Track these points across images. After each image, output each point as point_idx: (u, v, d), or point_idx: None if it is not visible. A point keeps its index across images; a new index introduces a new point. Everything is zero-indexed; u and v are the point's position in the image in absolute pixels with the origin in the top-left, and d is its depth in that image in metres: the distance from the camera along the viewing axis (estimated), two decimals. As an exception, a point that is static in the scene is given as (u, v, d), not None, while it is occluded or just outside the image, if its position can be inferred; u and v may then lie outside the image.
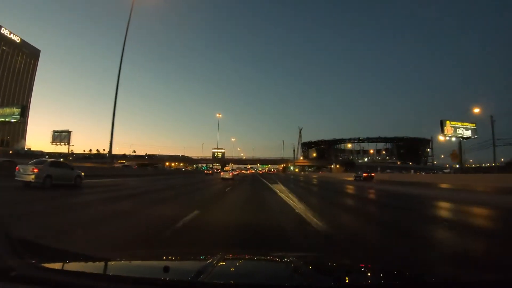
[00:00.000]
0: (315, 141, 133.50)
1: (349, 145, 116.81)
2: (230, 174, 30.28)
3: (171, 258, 1.95)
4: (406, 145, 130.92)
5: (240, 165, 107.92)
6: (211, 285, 1.19)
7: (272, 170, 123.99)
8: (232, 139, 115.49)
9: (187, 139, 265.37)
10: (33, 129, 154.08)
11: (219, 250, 2.25)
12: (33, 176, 10.95)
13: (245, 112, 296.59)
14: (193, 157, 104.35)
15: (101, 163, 69.02)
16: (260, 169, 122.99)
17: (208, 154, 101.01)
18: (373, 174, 43.29)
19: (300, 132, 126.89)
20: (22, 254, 1.44)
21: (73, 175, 13.04)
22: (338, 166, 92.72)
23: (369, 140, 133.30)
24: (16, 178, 11.30)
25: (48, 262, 1.40)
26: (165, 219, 5.64)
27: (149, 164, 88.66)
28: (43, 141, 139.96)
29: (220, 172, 39.72)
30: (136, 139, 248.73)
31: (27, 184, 11.05)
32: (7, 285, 1.08)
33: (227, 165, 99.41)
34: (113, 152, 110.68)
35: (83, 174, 13.84)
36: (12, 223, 4.86)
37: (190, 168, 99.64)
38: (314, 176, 61.31)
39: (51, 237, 4.10)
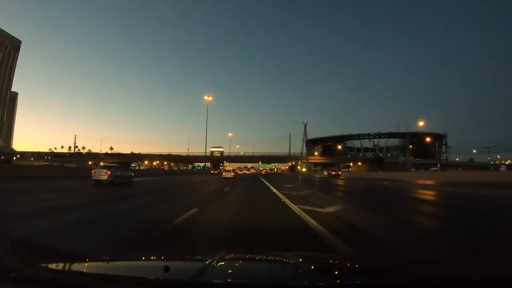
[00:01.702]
0: (320, 138, 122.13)
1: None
2: (232, 173, 33.80)
3: (171, 258, 1.95)
4: (420, 141, 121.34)
5: (239, 164, 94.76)
6: (212, 285, 1.18)
7: (275, 169, 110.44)
8: (229, 134, 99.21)
9: (173, 133, 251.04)
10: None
11: (219, 249, 2.07)
12: (106, 177, 15.31)
13: (243, 107, 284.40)
14: (182, 154, 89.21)
15: (62, 162, 60.85)
16: (261, 168, 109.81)
17: (194, 149, 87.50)
18: (339, 172, 50.83)
19: (305, 127, 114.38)
20: (22, 255, 1.45)
21: (128, 175, 17.86)
22: (360, 163, 78.87)
23: (380, 136, 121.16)
24: (92, 178, 15.57)
25: (48, 262, 1.39)
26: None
27: (127, 164, 77.51)
28: (25, 136, 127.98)
29: (222, 172, 43.65)
30: (116, 134, 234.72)
31: (98, 181, 15.10)
32: (8, 286, 1.08)
33: (221, 164, 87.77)
34: (87, 149, 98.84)
35: (133, 174, 19.35)
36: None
37: (185, 168, 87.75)
38: (341, 178, 44.79)
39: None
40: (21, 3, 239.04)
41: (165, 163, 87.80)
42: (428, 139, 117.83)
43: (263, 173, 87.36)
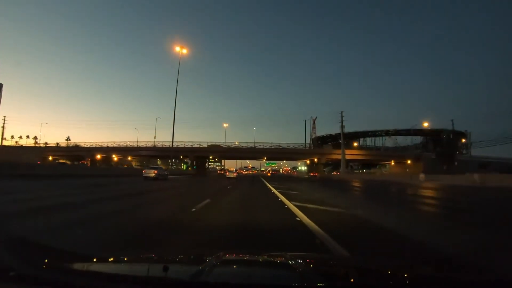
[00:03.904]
0: (331, 135, 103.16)
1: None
2: (234, 174, 37.45)
3: (171, 257, 1.94)
4: (444, 139, 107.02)
5: (237, 163, 70.24)
6: (211, 285, 1.17)
7: (280, 170, 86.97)
8: (224, 125, 75.56)
9: (142, 119, 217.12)
10: None
11: (219, 250, 2.06)
12: (153, 175, 23.75)
13: (244, 101, 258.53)
14: (140, 146, 60.67)
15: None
16: (263, 168, 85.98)
17: (162, 138, 59.88)
18: (316, 174, 53.77)
19: (314, 122, 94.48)
20: (21, 254, 1.46)
21: (166, 173, 27.51)
22: (410, 162, 56.53)
23: (399, 133, 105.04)
24: (143, 176, 23.85)
25: (48, 261, 1.40)
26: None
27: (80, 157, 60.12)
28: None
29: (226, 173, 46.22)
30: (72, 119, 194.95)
31: (147, 178, 23.23)
32: (6, 285, 1.08)
33: (220, 164, 65.83)
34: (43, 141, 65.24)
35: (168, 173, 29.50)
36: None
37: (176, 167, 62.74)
38: (430, 187, 21.56)
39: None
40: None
41: (130, 158, 63.21)
42: (452, 137, 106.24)
43: (268, 174, 63.83)
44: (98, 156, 57.99)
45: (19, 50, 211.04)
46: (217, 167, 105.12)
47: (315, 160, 58.23)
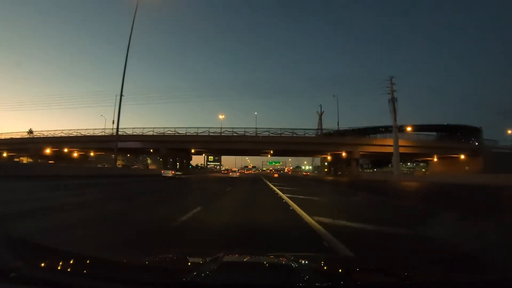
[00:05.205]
0: (337, 131, 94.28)
1: None
2: (237, 174, 42.28)
3: (172, 257, 1.95)
4: (461, 135, 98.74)
5: (228, 154, 53.11)
6: (212, 285, 1.18)
7: (285, 169, 70.92)
8: (221, 117, 58.03)
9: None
10: None
11: (220, 250, 2.07)
12: (171, 174, 28.36)
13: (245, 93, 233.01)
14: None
15: None
16: (265, 168, 70.09)
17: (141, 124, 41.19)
18: (309, 173, 57.17)
19: (321, 117, 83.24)
20: (22, 255, 1.46)
21: (179, 173, 31.37)
22: (464, 157, 44.23)
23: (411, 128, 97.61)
24: (162, 175, 28.06)
25: (48, 262, 1.41)
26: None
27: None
28: None
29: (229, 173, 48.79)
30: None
31: (165, 177, 27.06)
32: (6, 286, 1.08)
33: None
34: None
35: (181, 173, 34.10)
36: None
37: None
38: None
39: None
40: None
41: (76, 154, 50.04)
42: (470, 133, 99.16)
43: (275, 175, 47.53)
44: (47, 151, 42.54)
45: None
46: (216, 166, 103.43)
47: (343, 154, 42.06)
